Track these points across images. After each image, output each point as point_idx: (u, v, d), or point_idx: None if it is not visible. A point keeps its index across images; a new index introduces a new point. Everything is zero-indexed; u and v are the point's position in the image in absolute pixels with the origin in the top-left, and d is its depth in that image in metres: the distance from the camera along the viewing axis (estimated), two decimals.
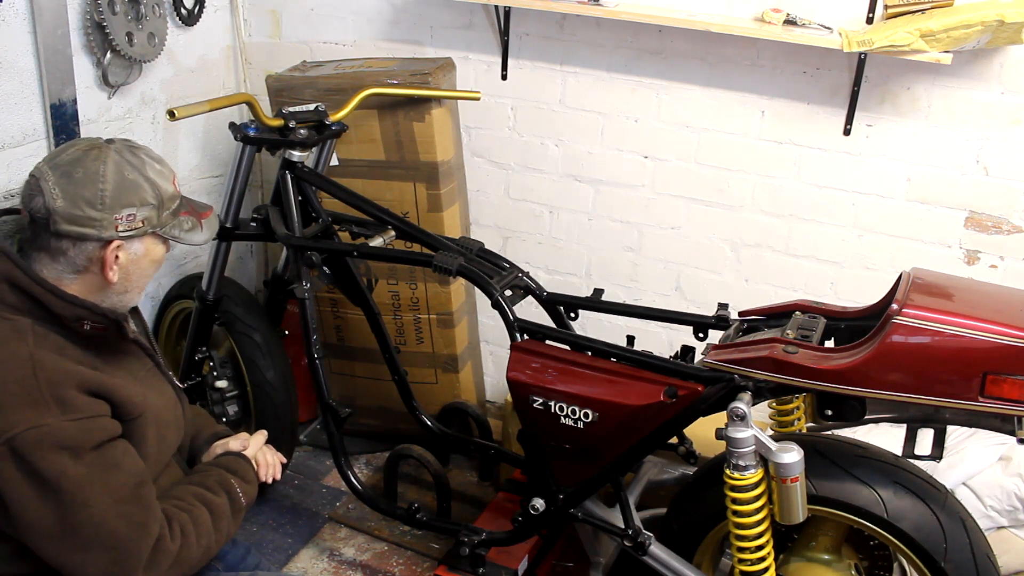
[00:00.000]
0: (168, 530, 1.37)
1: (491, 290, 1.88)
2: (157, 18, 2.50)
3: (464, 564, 2.03)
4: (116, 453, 1.34)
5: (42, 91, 2.27)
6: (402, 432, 2.68)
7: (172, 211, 1.46)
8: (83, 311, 1.36)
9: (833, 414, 1.66)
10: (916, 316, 1.46)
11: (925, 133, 2.30)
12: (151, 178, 1.41)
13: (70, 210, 1.33)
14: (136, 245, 1.41)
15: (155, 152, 1.47)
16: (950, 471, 2.12)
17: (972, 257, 2.35)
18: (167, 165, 1.47)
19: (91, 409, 1.31)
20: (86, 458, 1.28)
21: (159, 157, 1.47)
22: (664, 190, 2.63)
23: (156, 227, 1.42)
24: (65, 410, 1.27)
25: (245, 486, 1.59)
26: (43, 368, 1.29)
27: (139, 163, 1.41)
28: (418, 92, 2.41)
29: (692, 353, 1.81)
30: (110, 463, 1.32)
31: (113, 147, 1.41)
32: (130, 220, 1.37)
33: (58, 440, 1.26)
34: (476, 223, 2.90)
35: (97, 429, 1.31)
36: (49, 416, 1.26)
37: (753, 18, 2.31)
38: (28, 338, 1.31)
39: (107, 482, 1.30)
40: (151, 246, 1.44)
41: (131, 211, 1.37)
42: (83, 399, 1.30)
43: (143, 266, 1.44)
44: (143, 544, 1.32)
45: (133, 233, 1.38)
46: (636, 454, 1.79)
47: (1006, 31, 1.98)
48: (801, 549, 1.89)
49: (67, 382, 1.29)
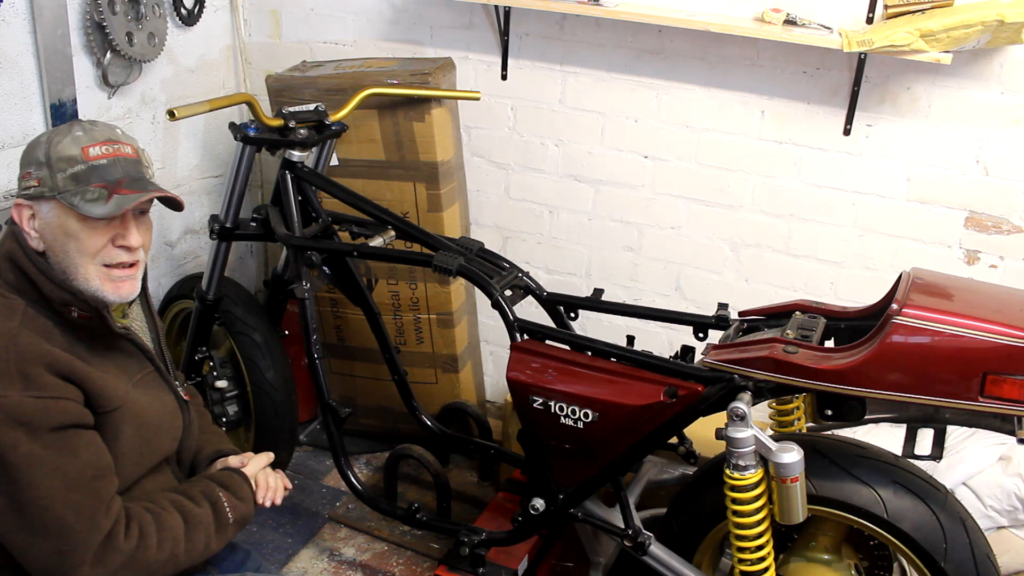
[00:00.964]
0: (124, 528, 1.33)
1: (491, 290, 1.88)
2: (157, 18, 2.50)
3: (464, 564, 2.03)
4: (77, 441, 1.31)
5: (42, 91, 2.27)
6: (402, 432, 2.68)
7: (70, 175, 1.36)
8: (69, 296, 1.36)
9: (833, 414, 1.66)
10: (916, 316, 1.46)
11: (925, 133, 2.30)
12: (55, 140, 1.37)
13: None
14: (44, 208, 1.36)
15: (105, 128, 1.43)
16: (950, 471, 2.12)
17: (972, 257, 2.35)
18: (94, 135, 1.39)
19: (56, 390, 1.29)
20: (42, 438, 1.26)
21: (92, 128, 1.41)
22: (664, 190, 2.63)
23: (52, 190, 1.35)
24: (28, 386, 1.27)
25: (235, 502, 1.53)
26: (17, 344, 1.29)
27: (63, 130, 1.39)
28: (418, 92, 2.41)
29: (692, 353, 1.81)
30: (67, 448, 1.29)
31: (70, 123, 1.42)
32: (27, 178, 1.37)
33: (14, 413, 1.25)
34: (476, 223, 2.90)
35: (58, 411, 1.29)
36: (11, 389, 1.25)
37: (753, 18, 2.31)
38: (16, 316, 1.32)
39: (60, 467, 1.27)
40: (60, 214, 1.36)
41: (29, 168, 1.38)
42: (49, 379, 1.29)
43: (58, 237, 1.36)
44: (90, 538, 1.29)
45: (31, 192, 1.36)
46: (636, 454, 1.79)
47: (1006, 31, 1.98)
48: (801, 549, 1.89)
49: (37, 360, 1.29)
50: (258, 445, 2.37)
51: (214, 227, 2.23)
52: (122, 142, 1.44)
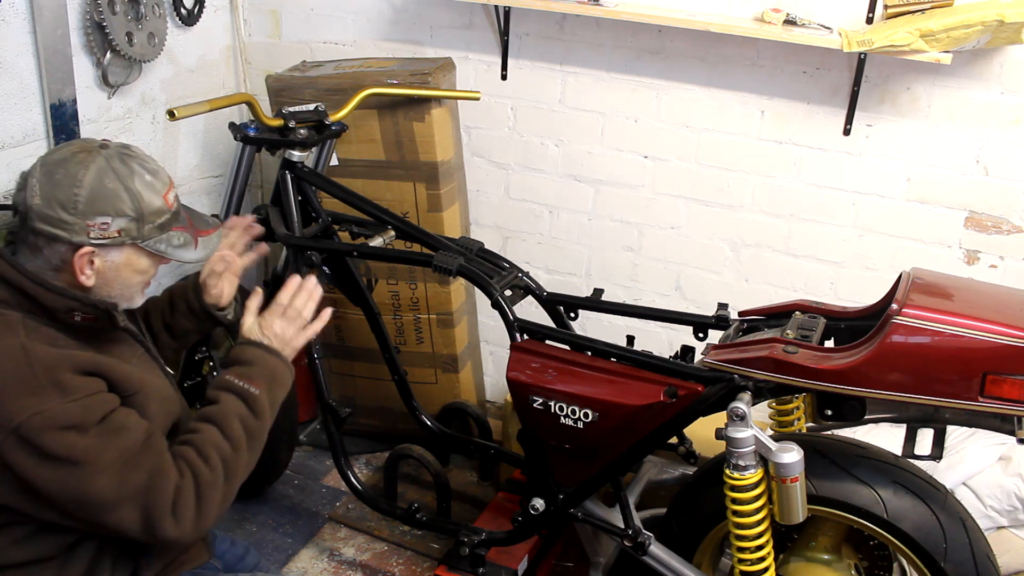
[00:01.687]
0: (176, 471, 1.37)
1: (491, 290, 1.88)
2: (157, 18, 2.50)
3: (464, 564, 2.03)
4: (120, 418, 1.35)
5: (42, 91, 2.27)
6: (402, 432, 2.68)
7: (157, 225, 1.41)
8: (73, 302, 1.37)
9: (833, 414, 1.66)
10: (916, 316, 1.46)
11: (925, 133, 2.30)
12: (135, 189, 1.37)
13: (44, 210, 1.33)
14: (114, 254, 1.38)
15: (154, 163, 1.43)
16: (950, 471, 2.12)
17: (972, 257, 2.35)
18: (163, 177, 1.43)
19: (89, 388, 1.32)
20: (92, 431, 1.30)
21: (156, 168, 1.43)
22: (664, 190, 2.63)
23: (136, 239, 1.39)
24: (65, 393, 1.29)
25: (245, 369, 1.51)
26: (36, 356, 1.30)
27: (126, 172, 1.37)
28: (418, 92, 2.41)
29: (692, 353, 1.81)
30: (117, 428, 1.33)
31: (104, 152, 1.38)
32: (103, 228, 1.35)
33: (62, 421, 1.27)
34: (476, 223, 2.90)
35: (98, 404, 1.33)
36: (51, 401, 1.28)
37: (753, 18, 2.31)
38: (19, 330, 1.32)
39: (118, 444, 1.32)
40: (132, 257, 1.41)
41: (105, 219, 1.35)
42: (80, 380, 1.32)
43: (124, 275, 1.42)
44: (164, 488, 1.33)
45: (107, 242, 1.36)
46: (636, 454, 1.79)
47: (1006, 31, 1.98)
48: (801, 549, 1.89)
49: (62, 366, 1.31)
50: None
51: None
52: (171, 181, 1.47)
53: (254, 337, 1.57)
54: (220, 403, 1.47)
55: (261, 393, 1.49)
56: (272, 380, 1.53)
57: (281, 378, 1.55)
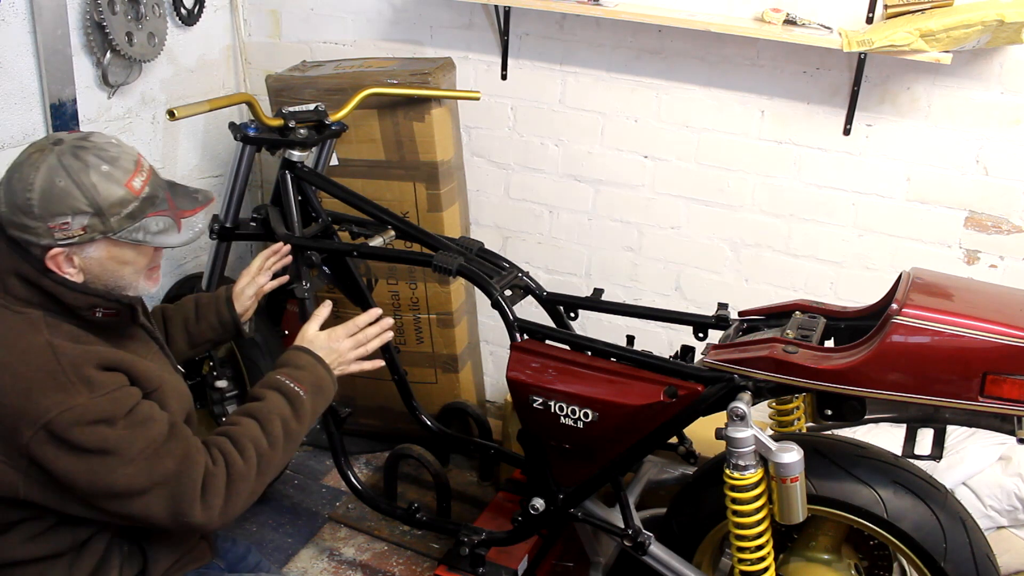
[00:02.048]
0: (210, 458, 1.39)
1: (491, 290, 1.88)
2: (157, 18, 2.50)
3: (464, 564, 2.03)
4: (145, 410, 1.36)
5: (42, 91, 2.27)
6: (402, 432, 2.68)
7: (126, 215, 1.35)
8: (96, 299, 1.37)
9: (833, 414, 1.66)
10: (916, 316, 1.46)
11: (925, 133, 2.30)
12: (88, 183, 1.31)
13: (10, 216, 1.32)
14: (89, 250, 1.35)
15: (116, 150, 1.37)
16: (950, 471, 2.12)
17: (972, 257, 2.35)
18: (124, 164, 1.36)
19: (114, 382, 1.34)
20: (120, 423, 1.32)
21: (116, 155, 1.36)
22: (664, 190, 2.63)
23: (105, 233, 1.34)
24: (93, 388, 1.30)
25: (297, 372, 1.55)
26: (63, 353, 1.31)
27: (78, 167, 1.31)
28: (418, 92, 2.41)
29: (692, 353, 1.81)
30: (144, 419, 1.35)
31: (56, 150, 1.32)
32: (64, 229, 1.31)
33: (92, 416, 1.29)
34: (476, 223, 2.90)
35: (124, 398, 1.34)
36: (79, 396, 1.29)
37: (753, 18, 2.31)
38: (42, 328, 1.33)
39: (145, 434, 1.33)
40: (112, 250, 1.37)
41: (63, 219, 1.30)
42: (105, 375, 1.33)
43: (112, 268, 1.38)
44: (195, 473, 1.35)
45: (75, 240, 1.32)
46: (636, 454, 1.79)
47: (1006, 31, 1.98)
48: (801, 549, 1.89)
49: (88, 362, 1.32)
50: None
51: (214, 227, 2.23)
52: (141, 159, 1.41)
53: (314, 347, 1.61)
54: (265, 400, 1.50)
55: (307, 397, 1.52)
56: (318, 389, 1.56)
57: (326, 390, 1.58)
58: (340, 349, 1.63)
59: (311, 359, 1.59)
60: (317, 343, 1.62)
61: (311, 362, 1.58)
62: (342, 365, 1.64)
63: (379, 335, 1.70)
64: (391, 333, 1.73)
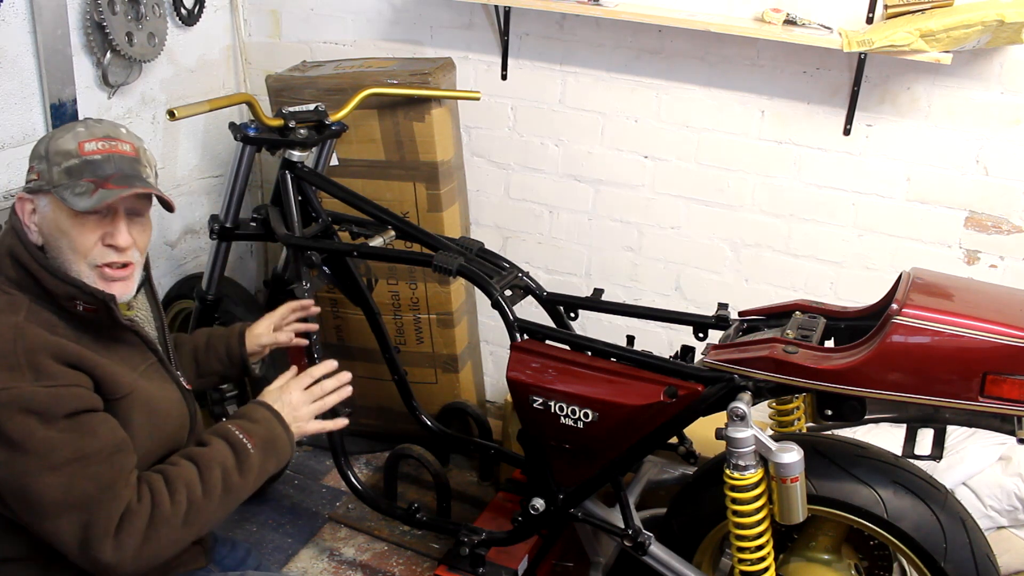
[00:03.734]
0: (135, 493, 1.32)
1: (491, 290, 1.88)
2: (157, 18, 2.51)
3: (464, 564, 2.03)
4: (92, 422, 1.32)
5: (42, 91, 2.27)
6: (402, 432, 2.68)
7: (64, 168, 1.36)
8: (74, 289, 1.36)
9: (833, 414, 1.66)
10: (916, 316, 1.46)
11: (925, 133, 2.30)
12: (56, 135, 1.39)
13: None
14: (42, 201, 1.38)
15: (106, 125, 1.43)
16: (950, 471, 2.12)
17: (972, 257, 2.35)
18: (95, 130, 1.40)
19: (66, 378, 1.30)
20: (57, 424, 1.27)
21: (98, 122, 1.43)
22: (664, 190, 2.63)
23: (48, 184, 1.36)
24: (38, 377, 1.28)
25: (250, 425, 1.47)
26: (24, 337, 1.30)
27: (70, 126, 1.40)
28: (418, 92, 2.41)
29: (692, 353, 1.81)
30: (84, 430, 1.30)
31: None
32: (30, 172, 1.39)
33: (26, 404, 1.26)
34: (476, 223, 2.90)
35: (70, 397, 1.30)
36: (22, 380, 1.27)
37: (753, 18, 2.31)
38: (20, 311, 1.33)
39: (79, 447, 1.28)
40: (54, 209, 1.36)
41: (33, 162, 1.39)
42: (59, 368, 1.30)
43: (53, 232, 1.37)
44: (112, 508, 1.29)
45: (31, 185, 1.38)
46: (636, 454, 1.79)
47: (1006, 31, 1.98)
48: (801, 549, 1.89)
49: (45, 351, 1.30)
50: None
51: (214, 227, 2.23)
52: (121, 139, 1.42)
53: (270, 401, 1.53)
54: (210, 447, 1.43)
55: (255, 453, 1.44)
56: (270, 446, 1.47)
57: (279, 449, 1.49)
58: (293, 402, 1.54)
59: (268, 414, 1.50)
60: (269, 396, 1.54)
61: (267, 417, 1.50)
62: (298, 422, 1.53)
63: (336, 390, 1.59)
64: (350, 388, 1.61)
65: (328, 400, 1.58)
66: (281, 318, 1.88)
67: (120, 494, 1.30)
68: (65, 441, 1.28)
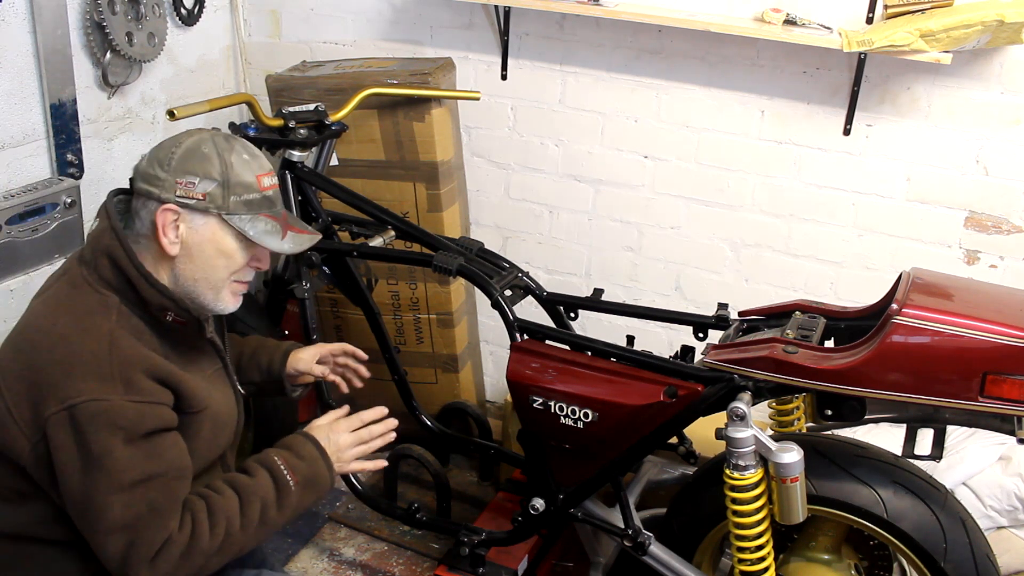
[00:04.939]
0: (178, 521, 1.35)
1: (491, 290, 1.88)
2: (157, 18, 2.50)
3: (464, 564, 2.03)
4: (164, 443, 1.35)
5: (42, 91, 2.27)
6: (402, 432, 2.67)
7: (244, 200, 1.40)
8: (168, 301, 1.38)
9: (833, 414, 1.66)
10: (916, 316, 1.46)
11: (925, 133, 2.30)
12: (227, 159, 1.39)
13: (145, 168, 1.39)
14: (198, 220, 1.38)
15: (258, 151, 1.46)
16: (950, 471, 2.12)
17: (972, 257, 2.35)
18: (262, 162, 1.44)
19: (154, 395, 1.33)
20: (136, 443, 1.30)
21: (257, 154, 1.44)
22: (664, 190, 2.63)
23: (220, 209, 1.38)
24: (129, 390, 1.30)
25: (295, 461, 1.47)
26: (118, 346, 1.31)
27: (225, 146, 1.40)
28: (418, 92, 2.41)
29: (692, 353, 1.81)
30: (155, 451, 1.33)
31: (212, 131, 1.44)
32: (188, 187, 1.36)
33: (115, 418, 1.28)
34: (476, 223, 2.90)
35: (153, 416, 1.33)
36: (113, 392, 1.28)
37: (753, 18, 2.31)
38: (112, 315, 1.34)
39: (146, 469, 1.31)
40: (217, 231, 1.39)
41: (192, 179, 1.36)
42: (148, 384, 1.32)
43: (207, 251, 1.39)
44: (158, 535, 1.31)
45: (192, 203, 1.36)
46: (636, 454, 1.79)
47: (1006, 31, 1.98)
48: (801, 549, 1.89)
49: (137, 364, 1.32)
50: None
51: None
52: (275, 174, 1.48)
53: (319, 437, 1.54)
54: (255, 478, 1.44)
55: (296, 491, 1.46)
56: (310, 485, 1.49)
57: (319, 486, 1.51)
58: (340, 444, 1.55)
59: (315, 452, 1.51)
60: (319, 433, 1.55)
61: (313, 456, 1.50)
62: (340, 463, 1.55)
63: (383, 435, 1.62)
64: (394, 435, 1.64)
65: (373, 444, 1.61)
66: (331, 352, 1.88)
67: (168, 523, 1.33)
68: (137, 462, 1.30)
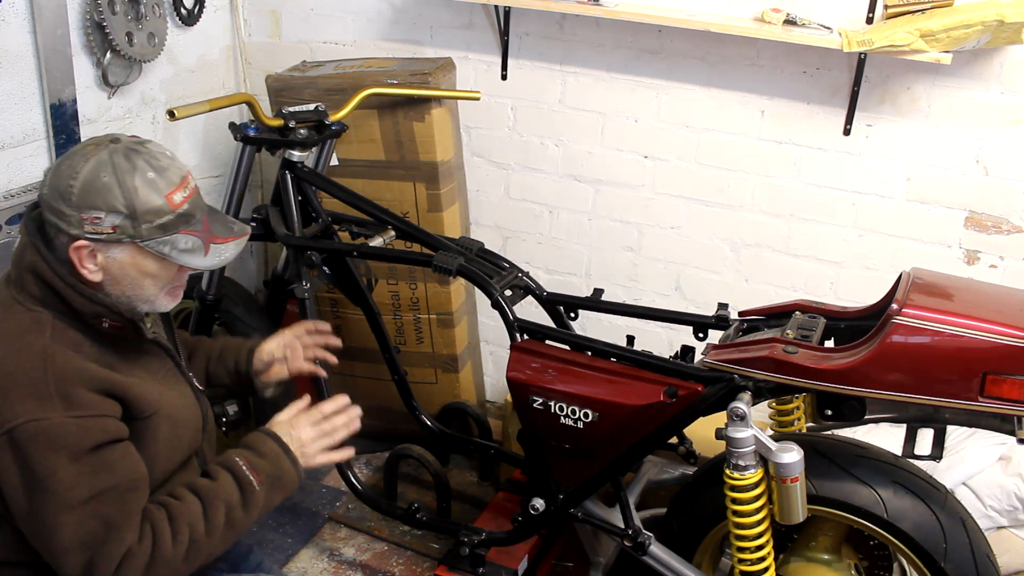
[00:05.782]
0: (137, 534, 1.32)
1: (491, 290, 1.88)
2: (157, 18, 2.51)
3: (464, 564, 2.03)
4: (113, 456, 1.31)
5: (42, 91, 2.27)
6: (402, 432, 2.68)
7: (157, 225, 1.33)
8: (101, 308, 1.35)
9: (833, 414, 1.66)
10: (916, 316, 1.46)
11: (925, 133, 2.30)
12: (130, 185, 1.31)
13: (49, 200, 1.32)
14: (115, 251, 1.33)
15: (166, 160, 1.37)
16: (950, 471, 2.12)
17: (972, 257, 2.35)
18: (170, 176, 1.35)
19: (96, 408, 1.30)
20: (81, 460, 1.27)
21: (165, 166, 1.35)
22: (664, 190, 2.63)
23: (134, 238, 1.32)
24: (69, 406, 1.27)
25: (256, 460, 1.44)
26: (53, 363, 1.28)
27: (126, 167, 1.31)
28: (418, 92, 2.41)
29: (692, 353, 1.81)
30: (103, 465, 1.30)
31: (111, 147, 1.33)
32: (96, 223, 1.30)
33: (54, 437, 1.25)
34: (476, 223, 2.90)
35: (97, 429, 1.29)
36: (52, 411, 1.25)
37: (753, 18, 2.31)
38: (46, 331, 1.31)
39: (95, 485, 1.28)
40: (137, 257, 1.35)
41: (97, 214, 1.30)
42: (90, 396, 1.29)
43: (132, 275, 1.36)
44: (116, 549, 1.29)
45: (103, 237, 1.31)
46: (636, 454, 1.79)
47: (1006, 31, 1.98)
48: (801, 549, 1.89)
49: (76, 379, 1.29)
50: None
51: None
52: (188, 177, 1.40)
53: (280, 433, 1.51)
54: (217, 481, 1.42)
55: (260, 490, 1.43)
56: (276, 482, 1.46)
57: (286, 484, 1.48)
58: (302, 438, 1.52)
59: (277, 449, 1.48)
60: (279, 428, 1.52)
61: (276, 452, 1.47)
62: (305, 457, 1.51)
63: (346, 425, 1.60)
64: (359, 423, 1.61)
65: (337, 436, 1.58)
66: (295, 336, 1.85)
67: (125, 536, 1.30)
68: (84, 479, 1.27)
